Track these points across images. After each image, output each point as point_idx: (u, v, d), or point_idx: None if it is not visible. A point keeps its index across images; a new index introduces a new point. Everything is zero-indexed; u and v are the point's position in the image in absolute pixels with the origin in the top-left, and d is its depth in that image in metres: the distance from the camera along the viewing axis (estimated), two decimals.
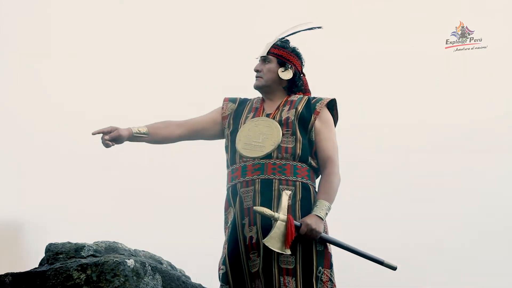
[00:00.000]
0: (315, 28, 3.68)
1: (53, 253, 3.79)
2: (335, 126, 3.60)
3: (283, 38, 3.65)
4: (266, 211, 3.27)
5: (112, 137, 3.52)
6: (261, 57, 3.63)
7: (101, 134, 3.54)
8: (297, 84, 3.62)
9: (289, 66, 3.59)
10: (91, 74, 7.14)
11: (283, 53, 3.60)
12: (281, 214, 3.28)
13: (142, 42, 7.36)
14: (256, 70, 3.62)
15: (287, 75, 3.59)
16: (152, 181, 7.05)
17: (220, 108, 3.72)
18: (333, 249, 3.43)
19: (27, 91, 7.27)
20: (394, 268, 3.44)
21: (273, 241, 3.25)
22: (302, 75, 3.65)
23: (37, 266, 3.81)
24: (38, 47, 7.28)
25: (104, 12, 7.22)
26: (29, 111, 7.23)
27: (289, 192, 3.34)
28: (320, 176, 3.52)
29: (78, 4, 7.27)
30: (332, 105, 3.60)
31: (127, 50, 7.24)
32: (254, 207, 3.29)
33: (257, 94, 3.70)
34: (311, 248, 3.33)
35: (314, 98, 3.59)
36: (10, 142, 7.09)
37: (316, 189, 3.47)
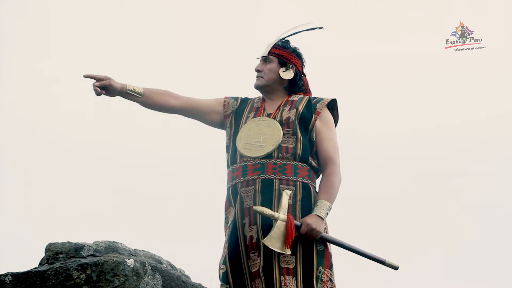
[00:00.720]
0: (316, 28, 3.68)
1: (53, 252, 3.79)
2: (335, 126, 3.59)
3: (284, 38, 3.65)
4: (266, 211, 3.26)
5: (102, 85, 3.45)
6: (262, 57, 3.62)
7: (93, 81, 3.46)
8: (298, 84, 3.61)
9: (290, 66, 3.59)
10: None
11: (284, 53, 3.59)
12: (281, 214, 3.27)
13: (142, 42, 7.36)
14: (257, 70, 3.61)
15: (288, 75, 3.58)
16: (152, 181, 7.05)
17: (222, 101, 3.69)
18: (333, 248, 3.43)
19: (27, 91, 7.27)
20: (396, 268, 3.44)
21: (273, 241, 3.25)
22: (303, 75, 3.64)
23: (37, 266, 3.81)
24: (38, 47, 7.28)
25: (105, 14, 7.22)
26: (30, 111, 7.24)
27: (289, 192, 3.34)
28: (320, 176, 3.52)
29: (78, 6, 7.28)
30: (332, 106, 3.60)
31: (127, 50, 7.24)
32: (254, 207, 3.29)
33: (258, 94, 3.69)
34: (312, 248, 3.32)
35: (315, 98, 3.58)
36: (11, 141, 7.09)
37: (317, 189, 3.47)
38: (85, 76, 3.47)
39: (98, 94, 3.47)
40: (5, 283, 3.60)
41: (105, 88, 3.47)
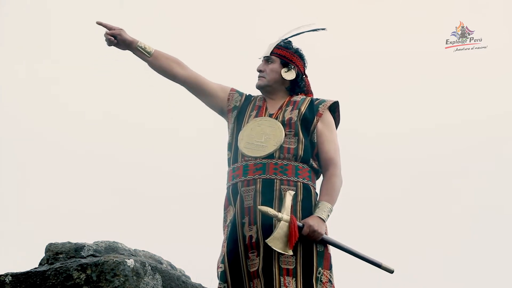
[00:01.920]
0: (319, 29, 3.68)
1: (53, 253, 3.79)
2: (336, 128, 3.59)
3: (286, 39, 3.64)
4: (270, 211, 3.26)
5: (112, 34, 3.50)
6: (264, 57, 3.62)
7: (105, 30, 3.50)
8: (299, 85, 3.61)
9: (292, 66, 3.58)
10: (92, 75, 7.14)
11: (286, 54, 3.59)
12: (285, 215, 3.27)
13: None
14: (259, 70, 3.61)
15: (290, 75, 3.58)
16: (152, 181, 7.04)
17: (227, 92, 3.66)
18: (332, 250, 3.43)
19: (27, 91, 7.27)
20: (391, 272, 3.44)
21: (276, 242, 3.24)
22: (304, 76, 3.64)
23: (37, 266, 3.82)
24: (38, 47, 7.28)
25: (105, 14, 7.22)
26: (31, 111, 7.23)
27: (292, 193, 3.33)
28: (320, 177, 3.52)
29: (78, 6, 7.27)
30: (334, 108, 3.59)
31: (127, 50, 7.22)
32: (259, 207, 3.28)
33: (259, 93, 3.68)
34: (312, 249, 3.32)
35: (317, 99, 3.58)
36: (11, 141, 7.09)
37: (317, 190, 3.47)
38: (98, 23, 3.52)
39: (110, 43, 3.52)
40: (5, 283, 3.61)
41: (115, 37, 3.51)
